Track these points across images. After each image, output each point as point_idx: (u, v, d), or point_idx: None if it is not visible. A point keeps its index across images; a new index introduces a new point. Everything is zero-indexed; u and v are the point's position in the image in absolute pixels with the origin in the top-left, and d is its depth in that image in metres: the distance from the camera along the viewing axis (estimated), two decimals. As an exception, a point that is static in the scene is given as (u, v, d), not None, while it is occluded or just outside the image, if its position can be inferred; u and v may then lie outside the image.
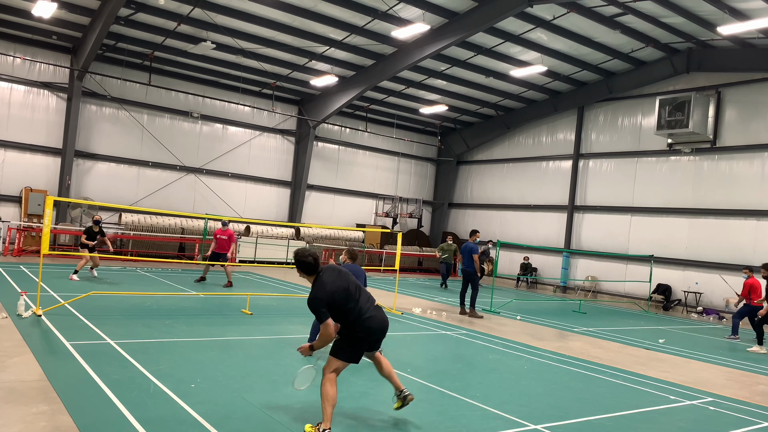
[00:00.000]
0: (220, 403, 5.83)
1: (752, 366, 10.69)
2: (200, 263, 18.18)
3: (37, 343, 7.66)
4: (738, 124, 19.52)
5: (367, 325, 5.32)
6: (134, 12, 18.07)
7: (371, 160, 28.87)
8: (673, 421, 6.77)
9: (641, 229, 21.95)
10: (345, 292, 5.23)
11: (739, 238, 19.06)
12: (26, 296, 9.41)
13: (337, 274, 5.34)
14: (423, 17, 17.94)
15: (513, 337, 11.43)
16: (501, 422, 6.08)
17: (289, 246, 23.48)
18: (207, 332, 9.45)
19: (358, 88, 22.76)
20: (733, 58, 19.07)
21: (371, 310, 5.39)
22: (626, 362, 9.94)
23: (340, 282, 5.25)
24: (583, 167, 24.37)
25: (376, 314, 5.41)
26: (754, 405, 7.74)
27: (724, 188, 19.68)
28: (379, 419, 5.89)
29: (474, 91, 24.67)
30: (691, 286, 20.01)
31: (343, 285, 5.25)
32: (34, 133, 20.66)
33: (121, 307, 10.94)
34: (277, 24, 18.94)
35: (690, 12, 16.78)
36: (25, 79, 20.44)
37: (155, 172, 23.07)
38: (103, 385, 6.04)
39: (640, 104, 22.43)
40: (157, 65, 22.18)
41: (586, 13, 17.28)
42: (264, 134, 25.61)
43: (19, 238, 19.13)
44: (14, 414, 5.10)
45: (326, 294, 5.13)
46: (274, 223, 21.01)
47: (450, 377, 7.77)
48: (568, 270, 24.23)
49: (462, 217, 29.98)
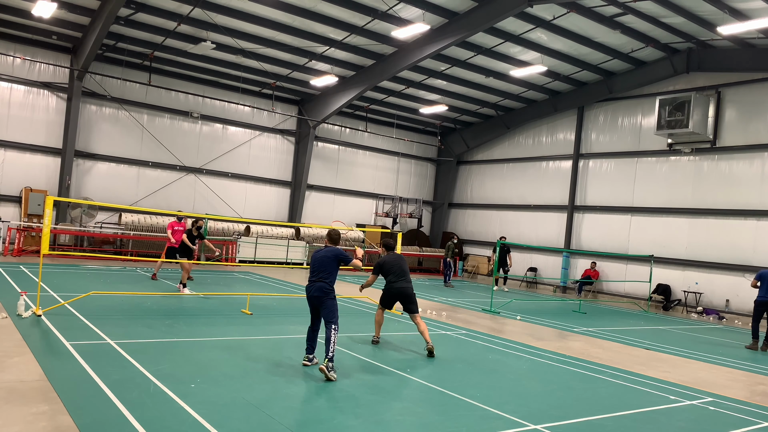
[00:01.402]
0: (220, 403, 5.83)
1: (752, 366, 10.69)
2: (200, 263, 18.16)
3: (37, 343, 7.66)
4: (738, 124, 19.52)
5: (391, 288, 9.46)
6: (134, 12, 18.07)
7: (371, 160, 28.87)
8: (673, 421, 6.77)
9: (641, 229, 21.95)
10: (387, 266, 9.52)
11: (739, 238, 19.06)
12: (26, 296, 9.41)
13: (396, 257, 9.70)
14: (423, 17, 17.94)
15: (513, 337, 11.43)
16: (501, 422, 6.07)
17: (289, 246, 23.49)
18: (207, 332, 9.45)
19: (358, 88, 22.76)
20: (733, 58, 19.07)
21: (399, 282, 9.40)
22: (626, 362, 9.94)
23: (388, 259, 9.62)
24: (583, 167, 24.37)
25: (399, 284, 9.39)
26: (754, 405, 7.74)
27: (724, 188, 19.68)
28: (379, 419, 5.89)
29: (474, 91, 24.67)
30: (691, 286, 20.02)
31: (390, 261, 9.55)
32: (34, 133, 20.66)
33: (121, 307, 10.94)
34: (277, 24, 18.94)
35: (690, 12, 16.77)
36: (25, 79, 20.44)
37: (155, 172, 23.07)
38: (103, 385, 6.04)
39: (640, 104, 22.44)
40: (157, 65, 22.18)
41: (586, 13, 17.28)
42: (264, 134, 25.61)
43: (19, 238, 19.14)
44: (14, 414, 5.10)
45: (379, 262, 9.56)
46: (274, 223, 20.99)
47: (450, 377, 7.77)
48: (568, 270, 24.24)
49: (462, 217, 29.98)
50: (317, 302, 7.46)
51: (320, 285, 7.44)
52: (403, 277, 9.42)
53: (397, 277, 9.40)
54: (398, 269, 9.44)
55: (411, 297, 9.40)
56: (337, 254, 7.55)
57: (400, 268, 9.46)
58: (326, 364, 7.01)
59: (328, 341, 7.17)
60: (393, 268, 9.44)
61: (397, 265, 9.50)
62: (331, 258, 7.50)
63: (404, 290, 9.38)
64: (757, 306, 12.62)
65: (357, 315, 12.59)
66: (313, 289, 7.47)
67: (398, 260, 9.63)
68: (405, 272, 9.49)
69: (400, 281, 9.38)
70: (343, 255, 7.56)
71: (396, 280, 9.38)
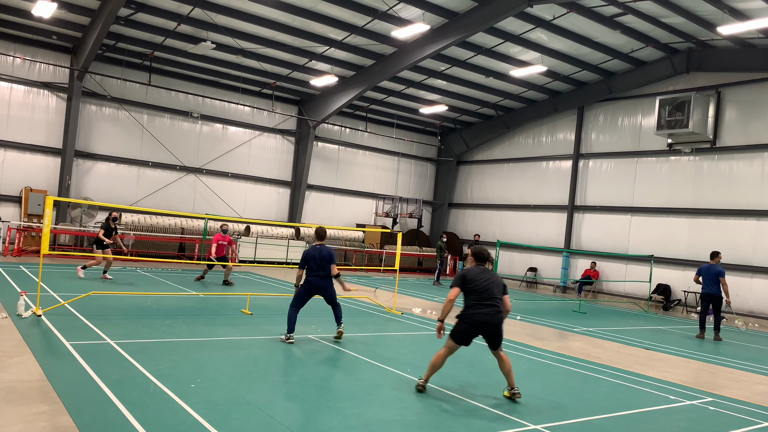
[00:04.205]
0: (220, 403, 5.83)
1: (752, 366, 10.69)
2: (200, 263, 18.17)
3: (37, 343, 7.66)
4: (738, 124, 19.52)
5: (474, 316, 6.92)
6: (134, 12, 18.07)
7: (371, 160, 28.87)
8: (673, 421, 6.77)
9: (641, 229, 21.95)
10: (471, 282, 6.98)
11: (739, 238, 19.05)
12: (26, 296, 9.41)
13: (481, 270, 7.13)
14: (423, 17, 17.94)
15: (513, 337, 11.42)
16: (501, 422, 6.08)
17: (289, 246, 23.49)
18: (207, 332, 9.45)
19: (358, 88, 22.76)
20: (733, 58, 19.06)
21: (484, 308, 6.89)
22: (626, 362, 9.94)
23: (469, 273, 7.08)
24: (583, 167, 24.37)
25: (484, 312, 6.90)
26: (754, 405, 7.74)
27: (724, 188, 19.68)
28: (379, 419, 5.89)
29: (474, 91, 24.67)
30: (691, 286, 19.99)
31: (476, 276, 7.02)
32: (34, 133, 20.66)
33: (121, 307, 10.94)
34: (277, 24, 18.94)
35: (690, 12, 16.77)
36: (25, 79, 20.44)
37: (155, 172, 23.07)
38: (103, 385, 6.04)
39: (640, 104, 22.43)
40: (157, 65, 22.18)
41: (586, 13, 17.28)
42: (264, 134, 25.61)
43: (19, 238, 19.14)
44: (14, 414, 5.10)
45: (462, 273, 7.12)
46: (274, 223, 20.99)
47: (450, 377, 7.77)
48: (568, 270, 24.24)
49: (462, 217, 29.98)
50: (323, 291, 9.29)
51: (326, 281, 9.29)
52: (491, 302, 6.90)
53: (480, 300, 6.89)
54: (484, 289, 6.91)
55: (498, 331, 7.03)
56: (332, 255, 9.41)
57: (487, 289, 6.92)
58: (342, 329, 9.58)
59: (341, 314, 9.64)
60: (478, 286, 6.92)
61: (487, 282, 6.95)
62: (328, 259, 9.29)
63: (488, 321, 6.92)
64: (702, 298, 13.79)
65: (355, 315, 12.60)
66: (319, 284, 9.24)
67: (487, 276, 7.08)
68: (494, 295, 6.94)
69: (485, 307, 6.87)
70: (334, 257, 9.48)
71: (479, 305, 6.89)
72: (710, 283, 13.45)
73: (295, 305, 9.28)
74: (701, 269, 13.75)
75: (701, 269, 13.75)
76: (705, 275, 13.58)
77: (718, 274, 13.36)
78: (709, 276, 13.47)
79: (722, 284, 13.33)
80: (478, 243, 22.88)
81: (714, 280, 13.39)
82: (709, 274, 13.50)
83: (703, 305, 13.84)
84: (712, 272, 13.46)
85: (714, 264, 13.59)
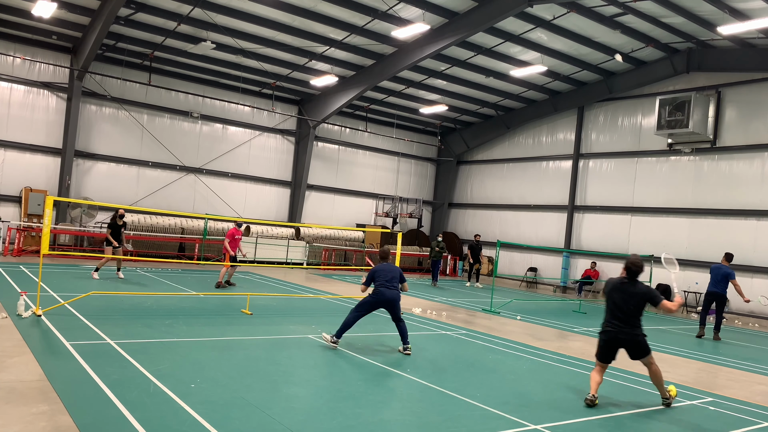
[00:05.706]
0: (220, 403, 5.83)
1: (752, 366, 10.69)
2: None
3: (37, 343, 7.65)
4: (738, 124, 19.52)
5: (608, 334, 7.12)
6: (134, 12, 18.07)
7: (371, 160, 28.86)
8: (673, 421, 6.77)
9: (641, 229, 21.95)
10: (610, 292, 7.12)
11: (739, 238, 19.05)
12: (26, 296, 9.40)
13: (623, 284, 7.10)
14: (423, 17, 17.94)
15: (513, 337, 11.42)
16: (501, 422, 6.07)
17: (289, 246, 23.48)
18: (207, 332, 9.45)
19: (358, 88, 22.76)
20: (733, 58, 19.06)
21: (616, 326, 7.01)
22: (626, 362, 9.89)
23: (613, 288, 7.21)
24: (583, 167, 24.37)
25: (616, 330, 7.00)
26: (754, 405, 7.74)
27: (724, 188, 19.68)
28: (379, 419, 5.88)
29: (474, 91, 24.67)
30: (691, 286, 19.99)
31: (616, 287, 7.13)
32: (34, 133, 20.66)
33: (121, 307, 10.94)
34: (277, 24, 18.94)
35: (690, 12, 16.78)
36: (25, 79, 20.44)
37: (155, 172, 23.07)
38: (103, 385, 6.04)
39: (640, 104, 22.43)
40: (157, 65, 22.18)
41: (586, 13, 17.28)
42: (264, 134, 25.61)
43: (19, 238, 19.13)
44: (14, 414, 5.10)
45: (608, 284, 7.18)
46: (274, 223, 21.00)
47: (450, 377, 7.77)
48: (568, 270, 24.23)
49: (462, 217, 29.98)
50: (391, 304, 8.93)
51: (396, 292, 9.00)
52: (621, 317, 6.80)
53: (612, 316, 6.91)
54: (620, 301, 6.78)
55: (639, 343, 6.93)
56: (402, 274, 9.25)
57: (623, 300, 6.77)
58: (407, 347, 8.95)
59: (406, 331, 9.10)
60: (613, 295, 6.86)
61: (623, 294, 6.77)
62: (398, 276, 9.14)
63: (620, 337, 6.93)
64: (705, 296, 13.86)
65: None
66: (390, 294, 8.91)
67: (624, 287, 6.87)
68: (628, 312, 6.76)
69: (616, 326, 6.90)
70: (403, 276, 9.33)
71: (612, 321, 6.91)
72: (715, 283, 13.48)
73: (359, 311, 8.91)
74: (711, 268, 13.80)
75: (711, 268, 13.80)
76: (712, 274, 13.65)
77: (726, 275, 13.37)
78: (716, 275, 13.50)
79: (735, 286, 13.26)
80: (478, 243, 22.98)
81: (720, 280, 13.41)
82: (716, 273, 13.54)
83: (705, 303, 13.91)
84: (719, 272, 13.49)
85: (723, 264, 13.63)
